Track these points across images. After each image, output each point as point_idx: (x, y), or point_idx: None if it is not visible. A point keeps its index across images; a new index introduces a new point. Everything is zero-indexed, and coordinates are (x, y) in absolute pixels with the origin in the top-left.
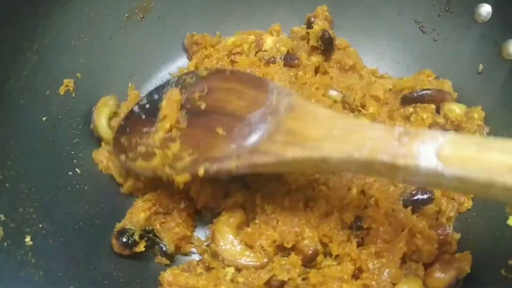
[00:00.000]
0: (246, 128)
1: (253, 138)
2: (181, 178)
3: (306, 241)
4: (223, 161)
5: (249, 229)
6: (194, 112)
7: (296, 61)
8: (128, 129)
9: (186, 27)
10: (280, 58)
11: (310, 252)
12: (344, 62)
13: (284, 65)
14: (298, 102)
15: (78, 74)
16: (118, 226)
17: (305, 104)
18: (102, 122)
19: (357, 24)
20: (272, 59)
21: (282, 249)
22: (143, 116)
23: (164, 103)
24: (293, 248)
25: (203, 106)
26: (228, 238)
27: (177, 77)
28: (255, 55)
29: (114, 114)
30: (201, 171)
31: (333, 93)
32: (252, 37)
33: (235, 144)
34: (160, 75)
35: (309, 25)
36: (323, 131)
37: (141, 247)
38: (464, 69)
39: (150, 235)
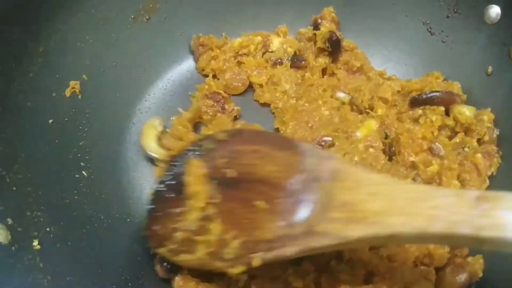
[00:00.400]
0: (290, 199)
1: (304, 213)
2: (235, 271)
3: None
4: (279, 248)
5: None
6: (225, 182)
7: (303, 62)
8: (158, 213)
9: (192, 28)
10: (287, 59)
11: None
12: (352, 64)
13: (291, 66)
14: (344, 169)
15: (84, 76)
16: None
17: (353, 171)
18: (152, 145)
19: (363, 25)
20: (279, 60)
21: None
22: (172, 195)
23: (187, 177)
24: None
25: (233, 173)
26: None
27: (194, 145)
28: (262, 56)
29: (163, 133)
30: (256, 261)
31: (340, 94)
32: (259, 38)
33: (283, 221)
34: (167, 76)
35: (316, 26)
36: (383, 203)
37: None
38: (473, 71)
39: None
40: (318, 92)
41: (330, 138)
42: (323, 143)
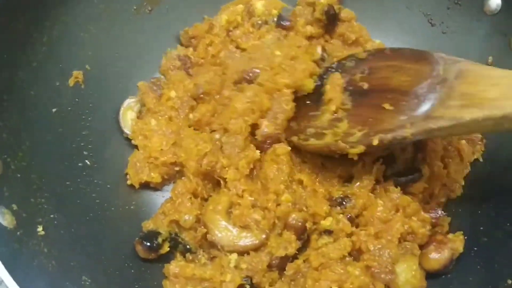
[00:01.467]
0: (414, 101)
1: (424, 108)
2: (355, 150)
3: (293, 215)
4: (397, 131)
5: (237, 211)
6: (358, 92)
7: (288, 23)
8: (295, 114)
9: (194, 19)
10: (273, 20)
11: (299, 224)
12: (347, 36)
13: (276, 27)
14: (469, 67)
15: (87, 66)
16: (145, 228)
17: (477, 68)
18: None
19: (364, 17)
20: (266, 23)
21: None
22: (308, 102)
23: (327, 87)
24: (285, 226)
25: (365, 86)
26: (221, 225)
27: (336, 63)
28: (248, 22)
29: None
30: (375, 141)
31: (319, 50)
32: (240, 7)
33: (405, 116)
34: None
35: None
36: (501, 90)
37: (165, 248)
38: (473, 62)
39: (173, 236)
40: (294, 42)
41: (258, 70)
42: (248, 76)
